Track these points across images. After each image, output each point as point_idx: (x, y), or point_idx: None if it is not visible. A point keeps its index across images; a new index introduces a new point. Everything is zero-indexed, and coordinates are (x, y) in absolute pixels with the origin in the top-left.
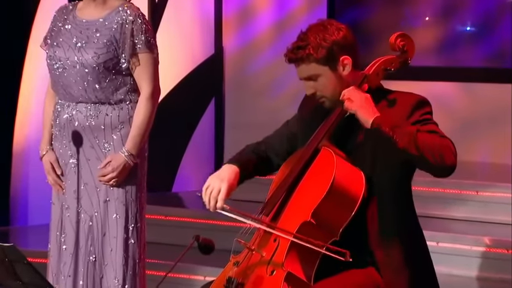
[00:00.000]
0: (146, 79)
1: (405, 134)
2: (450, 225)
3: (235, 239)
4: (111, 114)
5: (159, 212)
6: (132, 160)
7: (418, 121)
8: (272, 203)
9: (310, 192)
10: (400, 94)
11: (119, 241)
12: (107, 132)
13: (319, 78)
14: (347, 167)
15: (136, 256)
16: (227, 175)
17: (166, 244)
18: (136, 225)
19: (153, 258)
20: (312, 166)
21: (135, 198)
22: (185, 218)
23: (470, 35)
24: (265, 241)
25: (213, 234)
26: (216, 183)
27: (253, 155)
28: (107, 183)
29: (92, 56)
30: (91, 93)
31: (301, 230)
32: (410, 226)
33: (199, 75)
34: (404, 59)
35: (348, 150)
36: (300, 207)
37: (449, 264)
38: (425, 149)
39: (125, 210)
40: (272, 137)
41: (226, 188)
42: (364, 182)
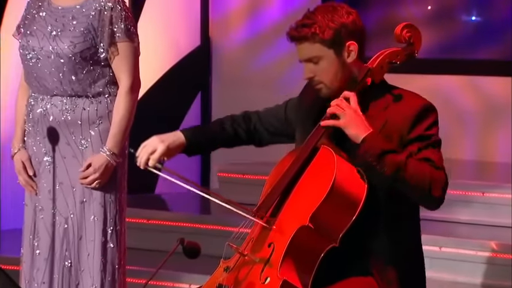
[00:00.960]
0: (125, 71)
1: (394, 163)
2: (454, 228)
3: (227, 243)
4: (89, 108)
5: (140, 215)
6: (115, 159)
7: (421, 137)
8: (266, 205)
9: (308, 194)
10: (406, 93)
11: (97, 245)
12: (84, 128)
13: (321, 61)
14: (348, 167)
15: (115, 261)
16: (168, 139)
17: (149, 250)
18: (115, 228)
19: (134, 265)
20: (310, 166)
21: (114, 199)
22: (169, 221)
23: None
24: (258, 246)
25: (199, 238)
26: (153, 142)
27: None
28: (88, 186)
29: (68, 45)
30: (67, 85)
31: (298, 235)
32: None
33: (184, 68)
34: (410, 51)
35: (348, 149)
36: (297, 211)
37: (453, 270)
38: (412, 181)
39: (103, 211)
40: (267, 112)
41: (161, 150)
42: (365, 184)
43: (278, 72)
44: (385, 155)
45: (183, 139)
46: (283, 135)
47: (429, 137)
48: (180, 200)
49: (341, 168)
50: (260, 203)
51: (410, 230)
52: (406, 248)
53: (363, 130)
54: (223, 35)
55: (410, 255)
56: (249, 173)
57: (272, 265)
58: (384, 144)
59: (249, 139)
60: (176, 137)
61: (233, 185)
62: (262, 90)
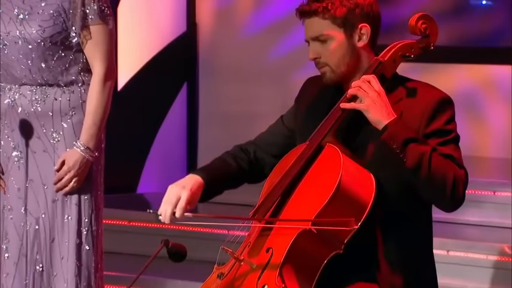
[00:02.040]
0: (99, 56)
1: (417, 154)
2: (463, 230)
3: (221, 247)
4: (61, 98)
5: (121, 216)
6: (90, 154)
7: (438, 132)
8: (266, 207)
9: (311, 195)
10: (421, 86)
11: (71, 247)
12: (55, 120)
13: (329, 40)
14: (355, 167)
15: (91, 265)
16: (189, 183)
17: (130, 254)
18: (91, 229)
19: (114, 270)
20: (314, 165)
21: (89, 197)
22: (151, 223)
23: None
24: (256, 251)
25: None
26: (174, 191)
27: (232, 161)
28: (66, 187)
29: (37, 30)
30: (36, 73)
31: (299, 240)
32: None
33: (168, 56)
34: (426, 44)
35: (354, 148)
36: (299, 213)
37: (462, 276)
38: (434, 176)
39: (78, 211)
40: (263, 136)
41: (186, 196)
42: (374, 185)
43: (271, 62)
44: (409, 144)
45: (201, 181)
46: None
47: (448, 132)
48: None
49: (347, 168)
50: (259, 204)
51: (422, 233)
52: (417, 253)
53: (386, 115)
54: (211, 20)
55: (421, 261)
56: None
57: (270, 272)
58: (408, 132)
59: (250, 171)
60: (194, 180)
61: None
62: (253, 82)
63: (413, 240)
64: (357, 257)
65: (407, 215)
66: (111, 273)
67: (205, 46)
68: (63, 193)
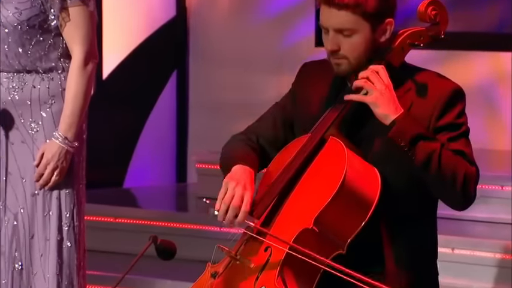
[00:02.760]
0: (78, 40)
1: (426, 151)
2: (469, 227)
3: (217, 245)
4: (40, 86)
5: (106, 212)
6: (70, 145)
7: (450, 126)
8: (264, 203)
9: (313, 192)
10: (431, 76)
11: (52, 244)
12: (34, 109)
13: (354, 35)
14: (359, 162)
15: (73, 263)
16: (247, 180)
17: (116, 252)
18: (72, 224)
19: (98, 270)
20: (317, 159)
21: (70, 191)
22: (139, 219)
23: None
24: (253, 249)
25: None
26: (238, 190)
27: (250, 150)
28: (49, 183)
29: (13, 13)
30: (13, 59)
31: (301, 239)
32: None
33: (156, 42)
34: (436, 32)
35: (358, 141)
36: (300, 211)
37: (468, 275)
38: (445, 174)
39: (58, 205)
40: (261, 124)
41: (250, 197)
42: (379, 181)
43: (264, 49)
44: (418, 141)
45: (253, 172)
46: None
47: (460, 125)
48: (152, 195)
49: (352, 163)
50: (257, 200)
51: (428, 231)
52: (423, 252)
53: (394, 110)
54: (201, 4)
55: (427, 260)
56: None
57: (269, 272)
58: (417, 127)
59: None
60: (248, 173)
61: (214, 178)
62: (246, 69)
63: (420, 239)
64: (361, 256)
65: (414, 212)
66: (95, 273)
67: (196, 32)
68: (47, 188)
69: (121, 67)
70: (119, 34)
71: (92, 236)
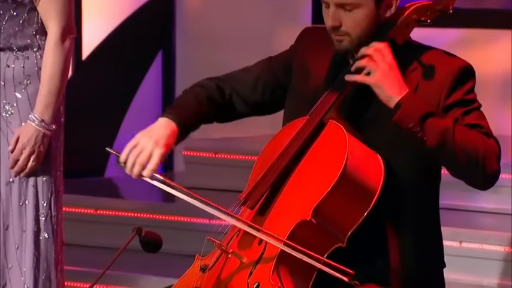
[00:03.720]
0: (54, 14)
1: (438, 129)
2: (477, 219)
3: (207, 238)
4: (14, 65)
5: (87, 203)
6: (47, 128)
7: (459, 102)
8: (258, 192)
9: (311, 181)
10: (438, 53)
11: (28, 236)
12: (8, 90)
13: (356, 10)
14: (361, 148)
15: (51, 256)
16: (164, 136)
17: (97, 246)
18: (50, 214)
19: (78, 265)
20: (315, 145)
21: (48, 178)
22: (122, 211)
23: None
24: (246, 242)
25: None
26: (147, 145)
27: (205, 102)
28: (25, 169)
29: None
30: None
31: (297, 232)
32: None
33: (141, 20)
34: (443, 6)
35: (360, 126)
36: (297, 201)
37: (476, 271)
38: (462, 152)
39: (35, 194)
40: (243, 79)
41: (160, 156)
42: (383, 169)
43: (255, 28)
44: (427, 119)
45: (176, 129)
46: (267, 105)
47: (471, 101)
48: (136, 185)
49: (353, 149)
50: (249, 189)
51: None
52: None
53: (398, 90)
54: None
55: (432, 253)
56: (224, 151)
57: (263, 267)
58: (425, 106)
59: (222, 114)
60: (169, 130)
61: (203, 166)
62: (236, 50)
63: (426, 231)
64: (363, 250)
65: (420, 203)
66: (74, 268)
67: (183, 8)
68: (23, 175)
69: (102, 47)
70: (100, 11)
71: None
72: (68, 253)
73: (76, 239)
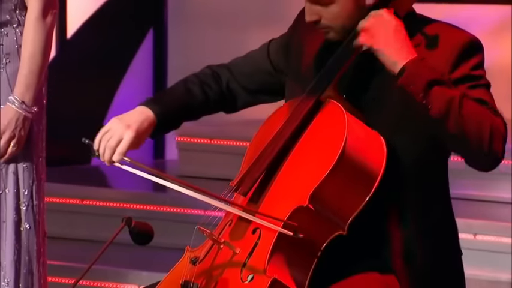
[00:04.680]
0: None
1: (444, 98)
2: (493, 210)
3: (197, 227)
4: None
5: (72, 193)
6: (28, 110)
7: (465, 78)
8: (251, 177)
9: (308, 164)
10: (444, 27)
11: (8, 226)
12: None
13: (332, 4)
14: (362, 129)
15: (33, 248)
16: (136, 121)
17: (82, 239)
18: (31, 204)
19: (62, 259)
20: (311, 126)
21: (29, 165)
22: (110, 201)
23: None
24: (239, 231)
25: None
26: (117, 129)
27: (198, 90)
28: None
29: None
30: None
31: (294, 219)
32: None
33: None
34: None
35: (361, 104)
36: (293, 186)
37: (493, 264)
38: (468, 126)
39: (15, 181)
40: (242, 65)
41: (129, 139)
42: (385, 151)
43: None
44: (433, 86)
45: (153, 116)
46: (268, 92)
47: (478, 77)
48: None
49: (353, 129)
50: (243, 173)
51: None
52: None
53: (405, 55)
54: None
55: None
56: (219, 137)
57: (258, 258)
58: (433, 72)
59: (219, 103)
60: (144, 116)
61: (197, 153)
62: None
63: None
64: (365, 239)
65: (427, 187)
66: (57, 263)
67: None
68: (2, 161)
69: (88, 25)
70: None
71: (54, 220)
72: (51, 247)
73: (60, 231)
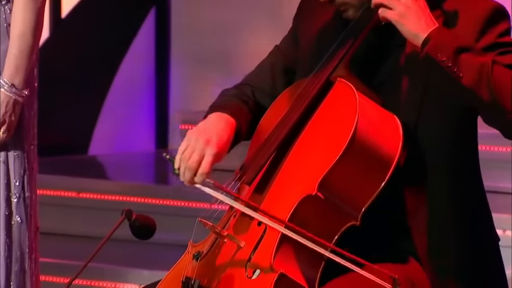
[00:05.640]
0: None
1: (474, 65)
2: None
3: (198, 219)
4: None
5: (67, 185)
6: (18, 93)
7: (493, 46)
8: (256, 165)
9: (317, 149)
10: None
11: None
12: None
13: None
14: (375, 110)
15: (25, 243)
16: (218, 133)
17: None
18: (23, 195)
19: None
20: (320, 108)
21: (20, 153)
22: (108, 194)
23: None
24: (244, 224)
25: None
26: (198, 145)
27: (241, 102)
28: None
29: None
30: None
31: (302, 209)
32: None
33: None
34: None
35: (377, 84)
36: (301, 174)
37: None
38: (501, 93)
39: (6, 171)
40: (258, 74)
41: (211, 157)
42: (401, 133)
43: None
44: (462, 53)
45: (232, 120)
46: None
47: (505, 44)
48: (124, 164)
49: (365, 111)
50: (246, 162)
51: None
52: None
53: (426, 26)
54: None
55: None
56: None
57: (264, 252)
58: (459, 39)
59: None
60: (224, 122)
61: None
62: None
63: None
64: (381, 230)
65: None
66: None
67: None
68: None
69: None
70: None
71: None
72: (44, 243)
73: (54, 226)
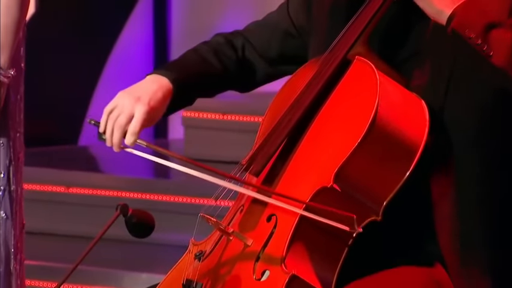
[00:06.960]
0: None
1: (506, 42)
2: None
3: (200, 214)
4: None
5: (56, 179)
6: (3, 74)
7: None
8: (265, 154)
9: (333, 136)
10: None
11: None
12: None
13: None
14: (398, 92)
15: (10, 242)
16: (148, 92)
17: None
18: (8, 189)
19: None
20: (337, 90)
21: (5, 141)
22: (101, 189)
23: None
24: (252, 219)
25: None
26: (126, 104)
27: (213, 59)
28: None
29: None
30: None
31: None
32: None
33: None
34: None
35: (400, 62)
36: (315, 163)
37: None
38: None
39: None
40: (260, 27)
41: (142, 115)
42: (427, 118)
43: None
44: (492, 29)
45: (168, 84)
46: (290, 60)
47: None
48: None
49: (386, 93)
50: (254, 151)
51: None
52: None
53: (451, 2)
54: None
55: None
56: (235, 112)
57: (274, 251)
58: (488, 15)
59: (238, 75)
60: (156, 85)
61: (207, 131)
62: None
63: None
64: (404, 226)
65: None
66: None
67: None
68: None
69: None
70: None
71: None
72: (30, 243)
73: (40, 225)
